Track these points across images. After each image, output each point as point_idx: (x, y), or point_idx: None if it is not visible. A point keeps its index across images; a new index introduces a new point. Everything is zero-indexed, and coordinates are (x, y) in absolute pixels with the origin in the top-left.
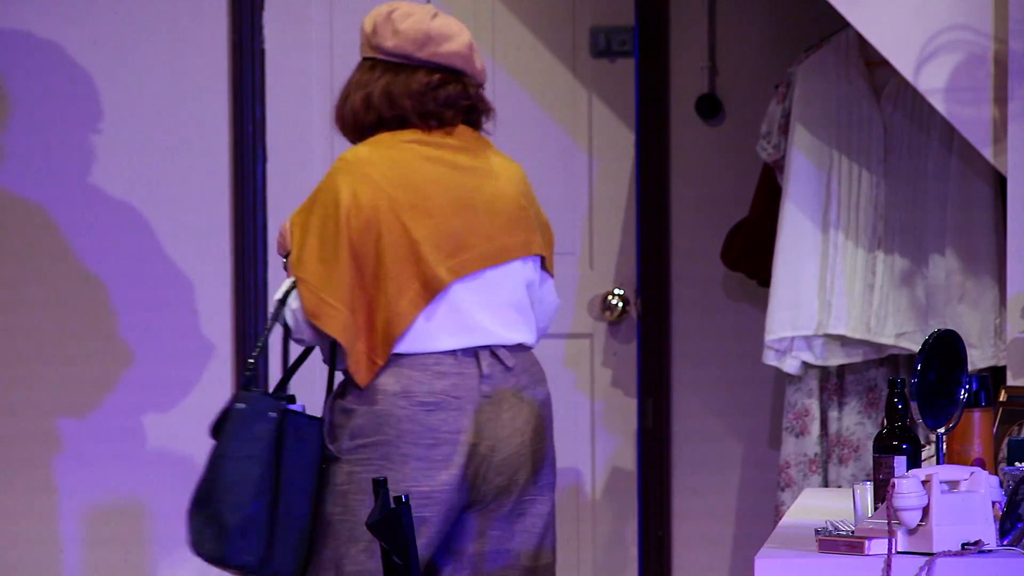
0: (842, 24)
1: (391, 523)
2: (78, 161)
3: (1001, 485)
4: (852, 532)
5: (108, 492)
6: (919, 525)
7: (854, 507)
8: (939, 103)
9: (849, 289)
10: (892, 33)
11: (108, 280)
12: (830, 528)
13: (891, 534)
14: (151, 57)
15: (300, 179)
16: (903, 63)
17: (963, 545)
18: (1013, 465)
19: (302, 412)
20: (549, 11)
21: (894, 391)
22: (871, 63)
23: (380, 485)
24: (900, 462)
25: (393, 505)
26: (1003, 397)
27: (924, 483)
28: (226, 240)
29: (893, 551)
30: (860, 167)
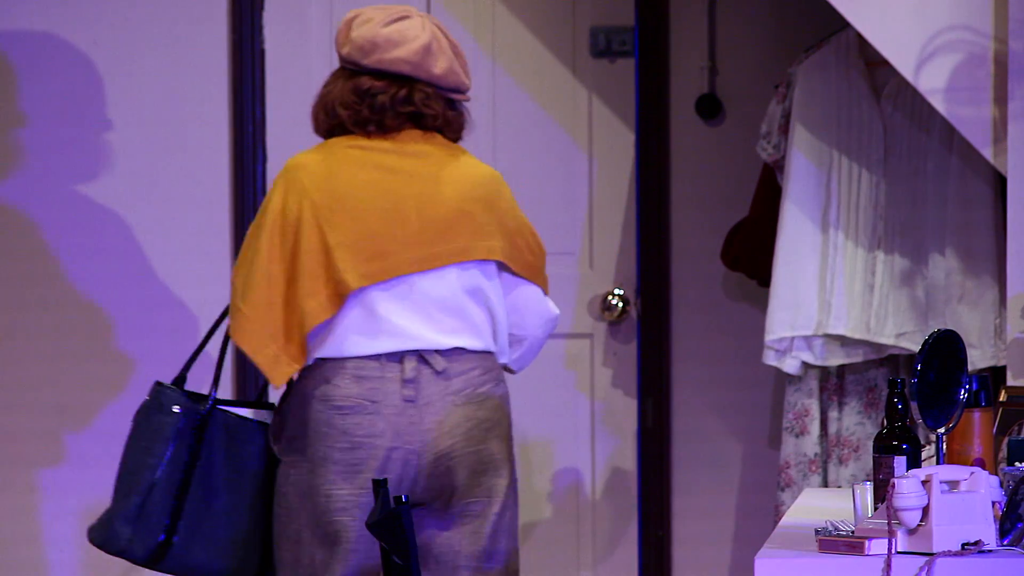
0: (842, 24)
1: (391, 523)
2: (78, 160)
3: (1001, 485)
4: (852, 532)
5: (106, 492)
6: (919, 525)
7: (854, 507)
8: (939, 103)
9: (849, 289)
10: (892, 33)
11: (107, 280)
12: (830, 528)
13: (891, 534)
14: (151, 57)
15: None
16: (903, 63)
17: (963, 545)
18: (1013, 465)
19: (234, 412)
20: (549, 11)
21: (894, 391)
22: (871, 63)
23: (380, 485)
24: (900, 462)
25: (392, 505)
26: (1003, 397)
27: (924, 483)
28: (226, 240)
29: (893, 551)
30: (860, 167)
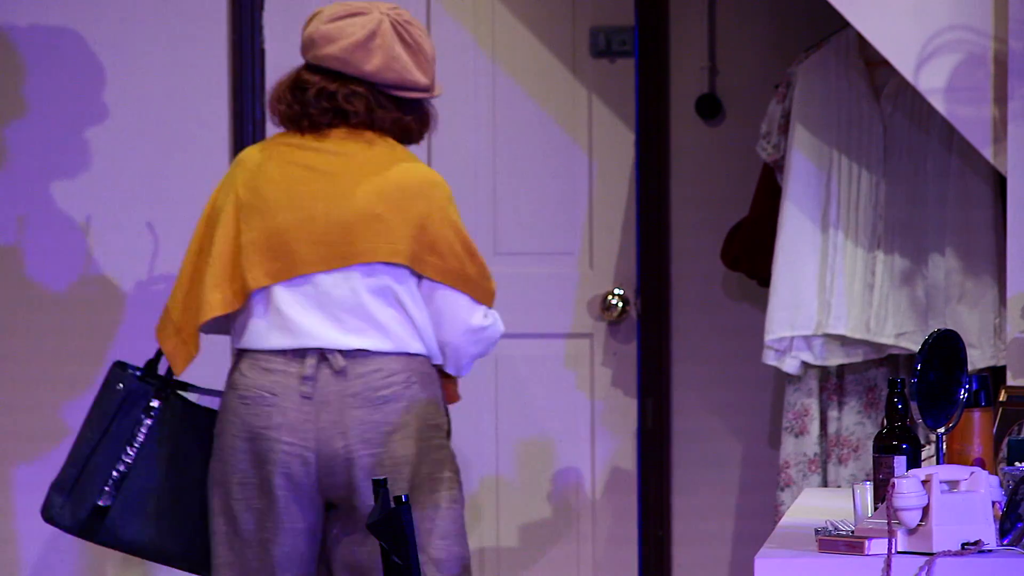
0: (842, 24)
1: (391, 523)
2: (78, 160)
3: (1001, 485)
4: (852, 532)
5: None
6: (919, 525)
7: (854, 507)
8: (939, 103)
9: (849, 289)
10: (892, 33)
11: (108, 279)
12: (830, 528)
13: (891, 534)
14: (151, 57)
15: None
16: (903, 63)
17: (963, 545)
18: (1013, 465)
19: (187, 398)
20: (549, 11)
21: (894, 391)
22: (871, 63)
23: (380, 485)
24: (900, 462)
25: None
26: (1003, 397)
27: (924, 483)
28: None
29: (893, 551)
30: (860, 167)
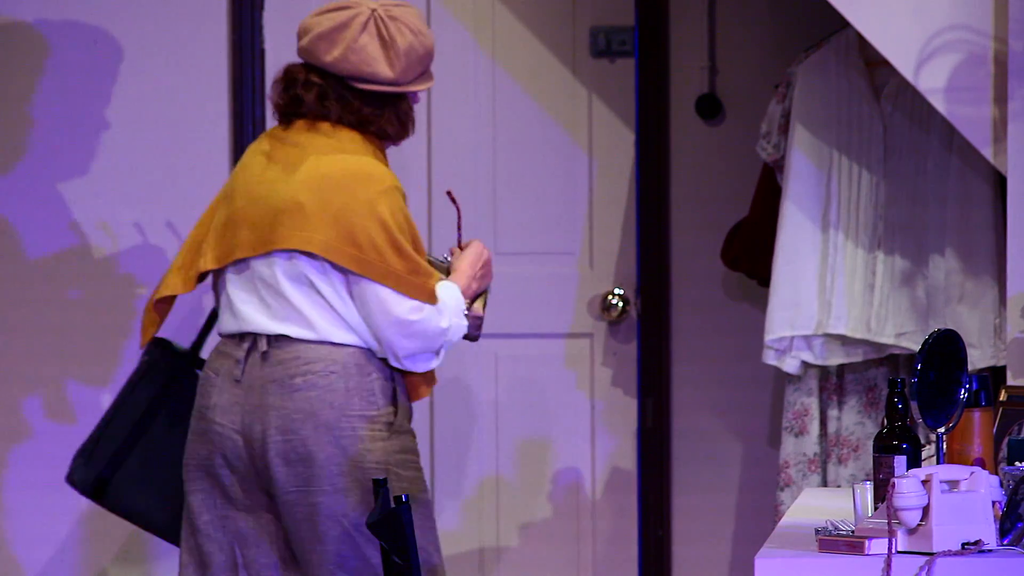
0: (842, 24)
1: (391, 523)
2: (77, 160)
3: (1001, 485)
4: (852, 532)
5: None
6: (919, 525)
7: (854, 507)
8: (939, 103)
9: (849, 289)
10: (892, 33)
11: (108, 279)
12: (830, 528)
13: (891, 534)
14: (151, 57)
15: None
16: (903, 63)
17: (963, 545)
18: (1013, 465)
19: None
20: (549, 11)
21: (894, 391)
22: (871, 63)
23: (380, 485)
24: (900, 462)
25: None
26: (1003, 397)
27: (924, 483)
28: None
29: (893, 551)
30: (860, 167)
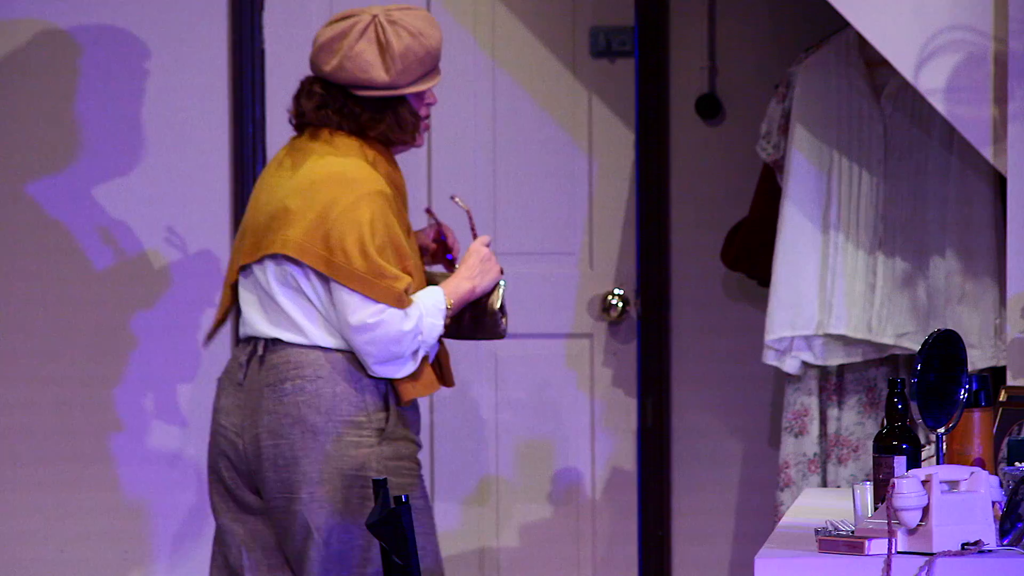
0: (842, 24)
1: (391, 523)
2: (77, 160)
3: (1001, 485)
4: (852, 532)
5: (107, 490)
6: (919, 525)
7: (854, 507)
8: (939, 103)
9: (850, 289)
10: (892, 33)
11: (109, 279)
12: (830, 528)
13: (891, 534)
14: (151, 57)
15: None
16: (903, 63)
17: (963, 545)
18: (1013, 465)
19: None
20: (549, 11)
21: (894, 391)
22: (871, 63)
23: (380, 486)
24: (900, 462)
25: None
26: (1003, 397)
27: (924, 483)
28: (226, 240)
29: (893, 551)
30: (860, 167)
